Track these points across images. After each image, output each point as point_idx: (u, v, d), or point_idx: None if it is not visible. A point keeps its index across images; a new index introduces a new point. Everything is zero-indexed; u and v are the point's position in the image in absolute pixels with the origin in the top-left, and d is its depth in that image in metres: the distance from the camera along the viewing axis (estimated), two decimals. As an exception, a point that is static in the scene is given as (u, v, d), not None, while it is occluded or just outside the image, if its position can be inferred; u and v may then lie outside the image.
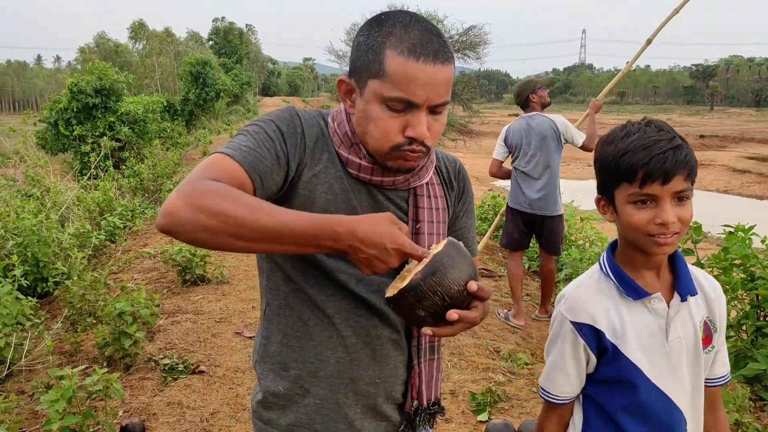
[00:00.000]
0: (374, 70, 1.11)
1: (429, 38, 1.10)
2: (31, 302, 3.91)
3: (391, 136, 1.14)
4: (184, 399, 3.32)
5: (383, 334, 1.24)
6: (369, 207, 1.23)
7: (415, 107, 1.11)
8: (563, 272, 5.99)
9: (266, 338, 1.28)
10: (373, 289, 1.21)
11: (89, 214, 8.05)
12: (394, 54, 1.09)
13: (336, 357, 1.22)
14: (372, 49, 1.11)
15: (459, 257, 1.06)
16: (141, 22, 52.30)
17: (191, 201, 0.97)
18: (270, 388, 1.25)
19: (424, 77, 1.09)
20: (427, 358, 1.30)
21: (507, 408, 3.36)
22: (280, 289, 1.25)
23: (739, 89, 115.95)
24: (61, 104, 16.96)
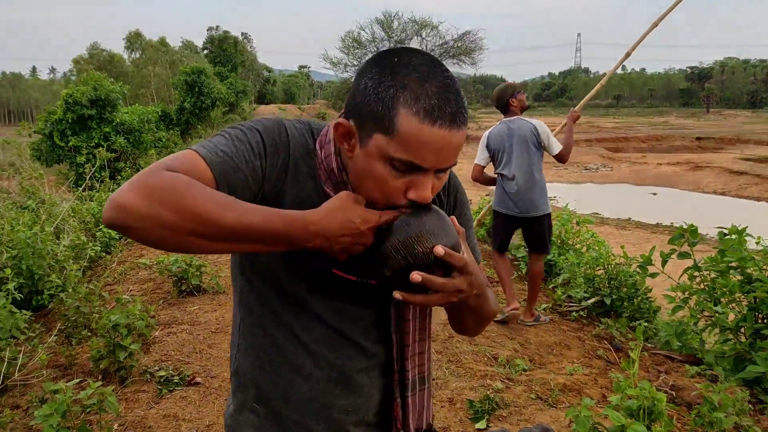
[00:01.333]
0: (383, 125, 0.98)
1: (447, 98, 0.98)
2: (25, 315, 3.88)
3: (391, 198, 1.04)
4: (180, 411, 3.29)
5: (358, 366, 1.20)
6: None
7: (422, 171, 1.01)
8: (561, 276, 5.98)
9: (242, 353, 1.25)
10: (351, 322, 1.18)
11: (85, 225, 8.02)
12: (408, 114, 0.96)
13: (309, 385, 1.18)
14: (382, 101, 0.98)
15: (432, 222, 1.02)
16: (137, 32, 52.38)
17: (150, 193, 0.89)
18: (246, 403, 1.24)
19: (438, 143, 0.98)
20: (416, 390, 1.25)
21: (505, 415, 3.34)
22: (253, 309, 1.21)
23: (734, 91, 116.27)
24: (56, 115, 16.94)
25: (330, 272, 1.15)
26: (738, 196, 22.87)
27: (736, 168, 26.66)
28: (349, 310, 1.17)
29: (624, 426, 2.40)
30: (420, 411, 1.26)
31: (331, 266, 1.14)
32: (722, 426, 2.76)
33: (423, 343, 1.24)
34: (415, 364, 1.23)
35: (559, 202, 10.99)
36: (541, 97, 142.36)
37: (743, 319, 3.76)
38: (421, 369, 1.25)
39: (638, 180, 27.40)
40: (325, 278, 1.15)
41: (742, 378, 3.54)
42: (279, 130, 1.11)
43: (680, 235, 4.07)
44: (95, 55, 52.55)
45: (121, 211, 0.88)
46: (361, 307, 1.18)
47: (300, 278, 1.15)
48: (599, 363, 4.26)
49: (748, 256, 3.82)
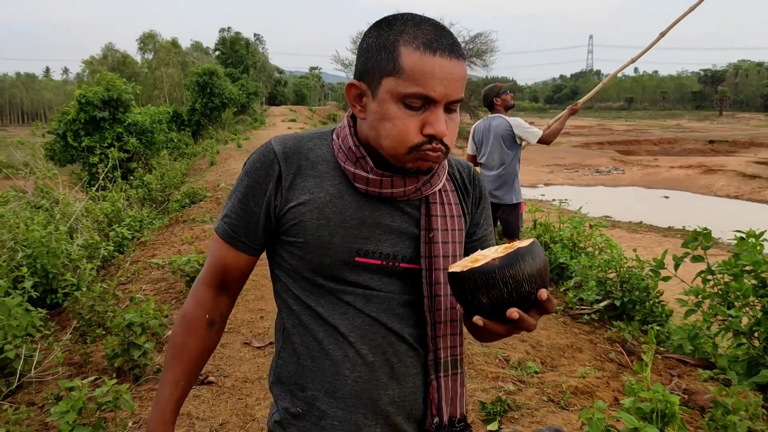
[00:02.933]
0: (389, 68, 1.08)
1: (442, 34, 1.09)
2: (40, 314, 3.92)
3: (410, 136, 1.10)
4: (193, 410, 3.31)
5: (400, 351, 1.21)
6: (377, 220, 1.20)
7: (433, 103, 1.08)
8: (572, 279, 5.96)
9: (283, 359, 1.27)
10: (383, 308, 1.20)
11: (98, 225, 8.09)
12: (409, 50, 1.07)
13: (354, 376, 1.19)
14: (384, 47, 1.09)
15: (539, 260, 1.03)
16: (151, 33, 52.69)
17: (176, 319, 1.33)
18: (288, 409, 1.24)
19: (442, 72, 1.06)
20: (449, 372, 1.25)
21: (517, 417, 3.34)
22: (291, 308, 1.24)
23: (748, 94, 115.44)
24: (70, 116, 17.11)
25: (353, 261, 1.18)
26: (751, 200, 22.70)
27: (749, 171, 26.45)
28: (378, 296, 1.20)
29: (637, 429, 2.39)
30: (452, 397, 1.25)
31: (353, 255, 1.18)
32: (736, 430, 2.75)
33: (455, 324, 1.25)
34: (447, 345, 1.24)
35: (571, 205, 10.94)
36: (553, 100, 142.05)
37: (757, 323, 3.73)
38: (453, 351, 1.25)
39: (650, 183, 27.25)
40: (350, 267, 1.18)
41: (756, 382, 3.52)
42: (264, 158, 1.22)
43: (694, 238, 4.05)
44: (109, 56, 52.90)
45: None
46: (389, 292, 1.20)
47: (325, 271, 1.18)
48: (611, 366, 4.25)
49: (762, 260, 3.80)
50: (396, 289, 1.21)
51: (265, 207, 1.20)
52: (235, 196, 1.24)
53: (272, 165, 1.20)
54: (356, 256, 1.18)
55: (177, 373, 1.28)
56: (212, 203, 10.63)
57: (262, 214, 1.21)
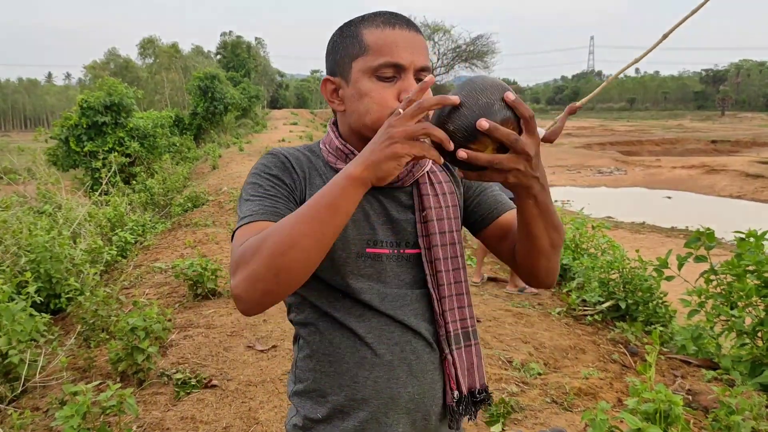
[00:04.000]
0: (356, 50, 1.17)
1: (397, 15, 1.19)
2: (44, 318, 3.93)
3: (389, 103, 1.14)
4: (198, 413, 3.32)
5: (417, 348, 1.22)
6: (380, 212, 1.23)
7: (403, 71, 1.15)
8: (575, 280, 5.96)
9: (300, 369, 1.27)
10: (398, 305, 1.21)
11: (101, 229, 8.11)
12: (370, 29, 1.16)
13: (373, 377, 1.20)
14: (349, 36, 1.18)
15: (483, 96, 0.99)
16: (150, 38, 52.81)
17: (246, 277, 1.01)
18: (309, 415, 1.24)
19: (405, 41, 1.15)
20: (461, 345, 1.26)
21: (521, 418, 3.34)
22: (308, 319, 1.25)
23: (750, 93, 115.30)
24: (72, 121, 17.14)
25: (365, 252, 1.20)
26: (754, 200, 22.66)
27: (752, 171, 26.40)
28: (392, 294, 1.21)
29: (641, 430, 2.39)
30: (469, 368, 1.27)
31: (365, 247, 1.20)
32: (739, 430, 2.75)
33: (461, 297, 1.27)
34: (456, 318, 1.25)
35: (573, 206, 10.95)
36: (554, 101, 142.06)
37: (760, 323, 3.73)
38: (463, 324, 1.27)
39: (652, 184, 27.22)
40: (363, 259, 1.20)
41: (759, 382, 3.52)
42: (275, 156, 1.25)
43: (697, 238, 4.05)
44: (112, 60, 53.04)
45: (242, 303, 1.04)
46: (402, 287, 1.23)
47: (339, 265, 1.19)
48: (614, 367, 4.25)
49: (765, 260, 3.80)
50: (407, 279, 1.23)
51: (290, 192, 1.20)
52: (256, 192, 1.17)
53: (286, 163, 1.23)
54: (367, 247, 1.21)
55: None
56: (215, 207, 10.64)
57: (289, 194, 1.20)
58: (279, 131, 35.20)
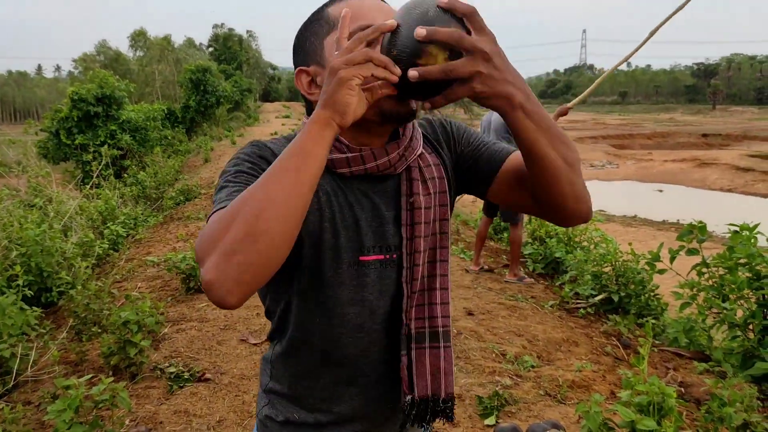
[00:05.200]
0: (324, 29, 1.12)
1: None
2: (35, 312, 3.91)
3: None
4: (191, 407, 3.31)
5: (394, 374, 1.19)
6: (372, 210, 1.16)
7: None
8: (568, 274, 5.98)
9: (276, 369, 1.26)
10: (380, 317, 1.18)
11: (92, 223, 8.06)
12: (335, 6, 1.12)
13: (349, 393, 1.20)
14: (315, 20, 1.14)
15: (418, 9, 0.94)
16: (141, 31, 52.41)
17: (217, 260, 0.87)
18: (285, 413, 1.24)
19: (372, 5, 1.09)
20: (427, 345, 1.17)
21: (514, 411, 3.35)
22: (286, 331, 1.21)
23: (741, 87, 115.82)
24: (62, 113, 17.00)
25: (357, 261, 1.14)
26: (745, 193, 22.80)
27: (742, 165, 26.56)
28: (373, 305, 1.16)
29: (634, 422, 2.40)
30: (434, 372, 1.17)
31: (357, 255, 1.14)
32: (732, 422, 2.76)
33: (433, 293, 1.18)
34: (424, 315, 1.17)
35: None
36: (546, 95, 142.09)
37: (752, 315, 3.75)
38: (432, 322, 1.17)
39: (644, 177, 27.33)
40: (356, 268, 1.14)
41: (751, 374, 3.54)
42: (257, 147, 1.14)
43: (689, 231, 4.07)
44: (103, 53, 52.66)
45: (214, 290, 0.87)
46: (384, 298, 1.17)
47: (326, 280, 1.14)
48: (607, 360, 4.27)
49: (757, 253, 3.82)
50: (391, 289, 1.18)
51: None
52: (235, 178, 1.06)
53: (267, 154, 1.12)
54: (360, 255, 1.14)
55: None
56: (207, 200, 10.60)
57: None
58: (271, 124, 35.06)
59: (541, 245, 6.94)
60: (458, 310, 4.94)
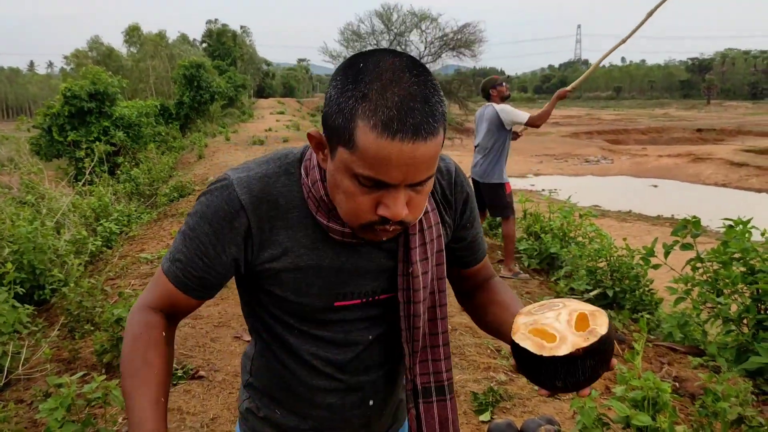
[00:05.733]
0: (344, 138, 0.93)
1: (411, 107, 0.89)
2: (27, 310, 3.88)
3: (361, 214, 0.99)
4: (184, 405, 3.29)
5: (371, 379, 1.22)
6: (355, 265, 1.13)
7: (390, 186, 0.95)
8: (563, 269, 5.98)
9: (256, 368, 1.26)
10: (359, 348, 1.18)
11: (85, 220, 8.02)
12: (366, 127, 0.89)
13: (327, 402, 1.20)
14: (342, 112, 0.92)
15: (613, 343, 1.02)
16: (135, 26, 52.17)
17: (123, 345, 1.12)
18: (265, 406, 1.26)
19: (400, 158, 0.90)
20: (434, 399, 1.21)
21: (509, 407, 3.35)
22: (262, 336, 1.22)
23: (735, 82, 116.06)
24: (54, 110, 16.91)
25: (333, 306, 1.13)
26: (739, 188, 22.87)
27: (737, 159, 26.63)
28: (352, 337, 1.17)
29: (629, 417, 2.40)
30: (442, 423, 1.21)
31: (332, 301, 1.13)
32: (726, 416, 2.77)
33: (436, 350, 1.21)
34: (429, 371, 1.21)
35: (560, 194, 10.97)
36: (541, 90, 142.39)
37: (746, 310, 3.75)
38: (437, 378, 1.21)
39: (639, 172, 27.38)
40: (329, 311, 1.14)
41: (745, 369, 3.55)
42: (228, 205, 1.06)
43: (683, 226, 4.07)
44: (95, 48, 52.36)
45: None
46: (365, 328, 1.18)
47: (301, 316, 1.15)
48: (602, 355, 4.26)
49: (751, 248, 3.82)
50: (373, 323, 1.19)
51: (230, 261, 1.09)
52: (189, 240, 1.09)
53: (237, 217, 1.06)
54: (335, 301, 1.13)
55: (152, 391, 1.06)
56: (201, 197, 10.55)
57: (225, 267, 1.10)
58: (266, 120, 35.01)
59: (536, 241, 6.94)
60: (453, 305, 4.92)
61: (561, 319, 1.04)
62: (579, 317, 1.03)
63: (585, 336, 0.99)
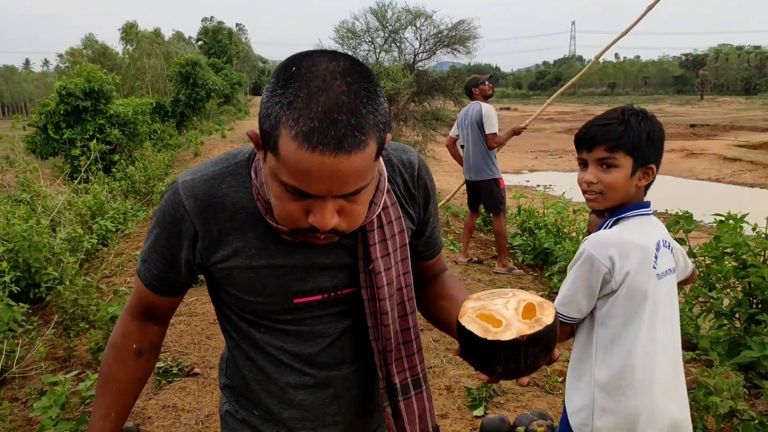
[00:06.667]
0: (269, 144, 0.90)
1: (335, 118, 0.85)
2: (23, 308, 3.88)
3: (292, 220, 0.97)
4: (179, 402, 3.30)
5: (346, 375, 1.20)
6: (311, 261, 1.11)
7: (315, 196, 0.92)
8: (557, 264, 6.00)
9: (230, 369, 1.27)
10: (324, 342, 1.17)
11: (81, 218, 8.00)
12: (288, 137, 0.86)
13: (299, 398, 1.19)
14: (269, 117, 0.89)
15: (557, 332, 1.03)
16: (132, 24, 51.96)
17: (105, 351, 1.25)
18: (243, 407, 1.26)
19: (321, 171, 0.86)
20: (411, 394, 1.21)
21: (503, 402, 3.37)
22: (231, 335, 1.22)
23: (728, 78, 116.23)
24: (50, 107, 16.83)
25: (292, 304, 1.13)
26: (732, 183, 22.92)
27: (730, 155, 26.67)
28: (316, 331, 1.16)
29: (620, 411, 2.41)
30: (421, 414, 1.22)
31: (291, 299, 1.12)
32: (718, 410, 2.79)
33: (409, 345, 1.20)
34: (404, 367, 1.20)
35: (555, 190, 11.00)
36: (536, 86, 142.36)
37: (738, 304, 3.77)
38: (413, 372, 1.21)
39: (633, 168, 27.37)
40: (289, 309, 1.13)
41: (737, 363, 3.57)
42: (175, 209, 1.09)
43: (676, 221, 4.08)
44: (89, 47, 52.15)
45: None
46: (330, 323, 1.17)
47: (263, 314, 1.15)
48: (595, 350, 4.28)
49: (743, 242, 3.84)
50: (339, 317, 1.17)
51: (184, 262, 1.13)
52: (151, 243, 1.15)
53: (183, 222, 1.08)
54: (294, 298, 1.12)
55: (105, 405, 1.20)
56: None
57: (182, 267, 1.14)
58: (261, 118, 34.89)
59: (530, 236, 6.96)
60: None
61: (509, 307, 1.05)
62: (527, 306, 1.04)
63: (531, 324, 1.00)
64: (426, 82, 16.38)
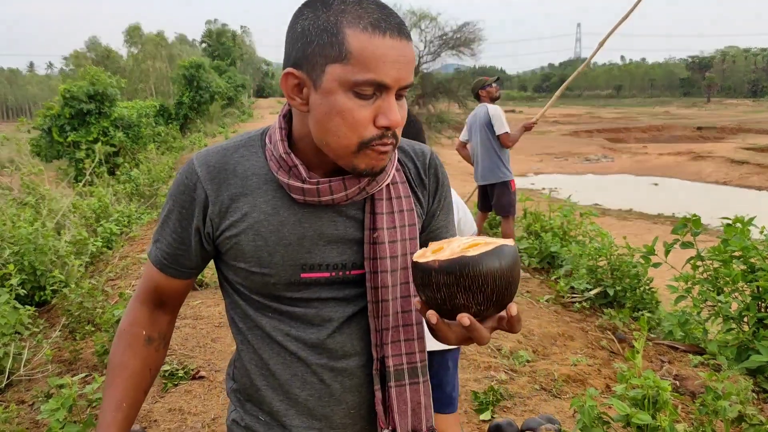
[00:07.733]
0: (334, 53, 0.95)
1: (388, 12, 0.98)
2: (29, 311, 3.89)
3: (361, 130, 0.99)
4: (185, 405, 3.30)
5: (351, 366, 1.15)
6: (319, 231, 1.11)
7: (385, 90, 0.98)
8: (563, 268, 5.98)
9: (238, 370, 1.25)
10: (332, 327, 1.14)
11: (85, 220, 8.01)
12: (356, 31, 0.94)
13: (305, 395, 1.15)
14: (326, 30, 0.96)
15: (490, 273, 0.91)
16: (136, 26, 52.15)
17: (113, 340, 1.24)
18: (248, 413, 1.23)
19: (394, 54, 0.96)
20: (407, 381, 1.15)
21: (510, 406, 3.35)
22: (239, 326, 1.21)
23: (735, 80, 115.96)
24: (54, 111, 16.89)
25: (299, 278, 1.11)
26: (740, 186, 22.83)
27: (737, 157, 26.59)
28: (323, 315, 1.14)
29: (629, 415, 2.40)
30: (414, 408, 1.16)
31: (298, 272, 1.11)
32: (726, 415, 2.77)
33: (409, 329, 1.15)
34: (401, 352, 1.14)
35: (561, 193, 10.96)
36: (541, 88, 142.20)
37: (746, 308, 3.75)
38: (410, 358, 1.15)
39: (639, 171, 27.34)
40: (296, 285, 1.12)
41: (746, 367, 3.55)
42: (187, 181, 1.13)
43: (683, 224, 4.07)
44: (94, 50, 52.39)
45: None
46: (338, 306, 1.14)
47: (271, 291, 1.13)
48: (603, 353, 4.27)
49: (751, 246, 3.82)
50: (346, 302, 1.15)
51: (195, 234, 1.14)
52: (163, 220, 1.17)
53: (195, 189, 1.11)
54: (301, 272, 1.11)
55: (118, 394, 1.18)
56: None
57: (192, 241, 1.14)
58: (265, 120, 35.01)
59: (536, 240, 6.94)
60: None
61: (462, 241, 0.98)
62: (479, 243, 0.95)
63: (462, 251, 0.93)
64: (431, 84, 16.41)
